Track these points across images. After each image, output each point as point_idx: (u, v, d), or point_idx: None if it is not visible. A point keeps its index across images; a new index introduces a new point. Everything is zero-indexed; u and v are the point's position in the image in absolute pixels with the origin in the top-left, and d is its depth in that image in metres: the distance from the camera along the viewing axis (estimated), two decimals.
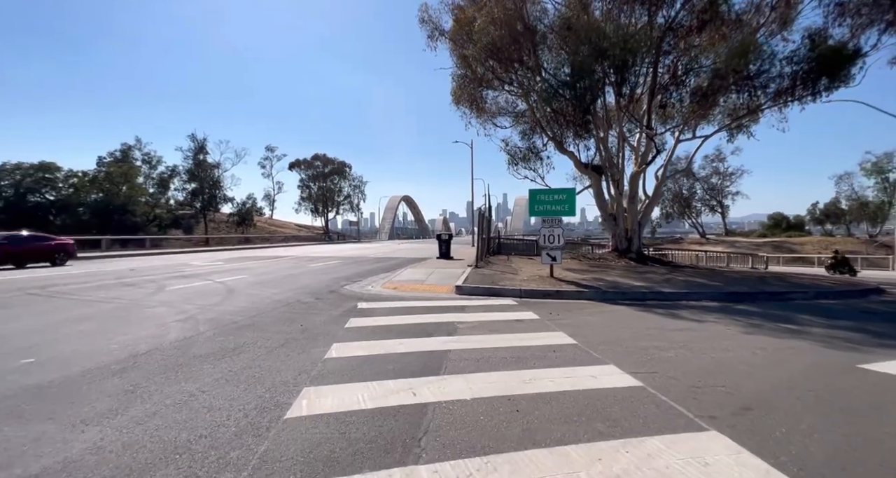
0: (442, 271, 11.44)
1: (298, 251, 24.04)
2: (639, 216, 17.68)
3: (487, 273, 10.27)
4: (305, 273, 11.38)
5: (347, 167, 62.84)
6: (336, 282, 9.51)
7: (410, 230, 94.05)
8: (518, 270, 11.18)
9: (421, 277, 10.23)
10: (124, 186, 38.43)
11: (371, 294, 7.84)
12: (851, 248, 45.32)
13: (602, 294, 7.80)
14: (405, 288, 8.72)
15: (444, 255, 16.38)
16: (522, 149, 18.26)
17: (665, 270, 12.20)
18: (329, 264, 14.40)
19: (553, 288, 8.11)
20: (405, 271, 11.55)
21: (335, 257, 18.31)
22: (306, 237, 52.23)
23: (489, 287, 8.20)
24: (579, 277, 9.59)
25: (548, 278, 9.25)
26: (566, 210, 9.18)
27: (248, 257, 18.19)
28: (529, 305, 6.79)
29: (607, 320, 5.65)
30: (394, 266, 13.81)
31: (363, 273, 11.56)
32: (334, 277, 10.57)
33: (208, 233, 45.26)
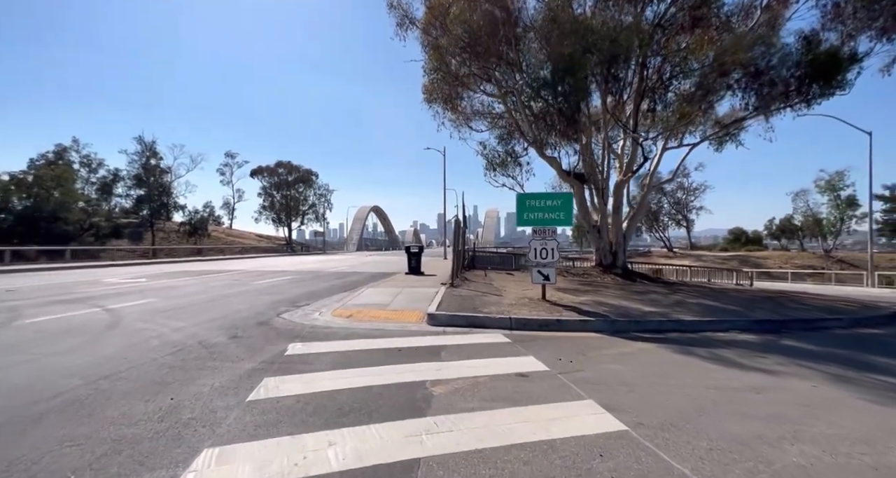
0: (411, 291, 9.58)
1: (251, 265, 21.46)
2: (624, 228, 16.55)
3: (466, 294, 8.51)
4: (241, 294, 9.21)
5: (314, 175, 60.03)
6: (275, 307, 7.45)
7: (380, 242, 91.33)
8: (501, 289, 9.49)
9: (385, 300, 8.33)
10: (55, 190, 34.23)
11: (315, 327, 5.87)
12: (809, 262, 47.01)
13: (612, 324, 6.20)
14: (363, 316, 6.80)
15: (413, 270, 14.53)
16: (501, 153, 16.83)
17: (663, 290, 10.86)
18: (278, 281, 12.21)
19: (550, 316, 6.44)
20: (367, 291, 9.61)
21: (290, 272, 16.04)
22: (267, 249, 48.86)
23: (471, 315, 6.42)
24: (574, 300, 8.00)
25: (540, 302, 7.60)
26: (562, 219, 7.61)
27: (185, 272, 15.61)
28: (527, 343, 5.07)
29: (643, 372, 3.99)
30: (355, 283, 11.82)
31: (316, 293, 9.52)
32: (277, 299, 8.48)
33: (155, 244, 41.30)
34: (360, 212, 79.95)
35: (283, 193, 57.89)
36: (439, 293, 8.75)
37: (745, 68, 12.86)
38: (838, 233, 50.26)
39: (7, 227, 29.55)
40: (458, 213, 43.63)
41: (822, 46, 11.83)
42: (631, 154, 15.55)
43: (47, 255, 28.46)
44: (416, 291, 9.47)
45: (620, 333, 5.89)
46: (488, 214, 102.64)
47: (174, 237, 46.12)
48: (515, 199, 7.98)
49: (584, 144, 15.51)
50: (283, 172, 58.34)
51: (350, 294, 9.34)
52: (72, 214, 34.24)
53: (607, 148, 15.67)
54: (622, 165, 16.14)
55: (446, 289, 9.44)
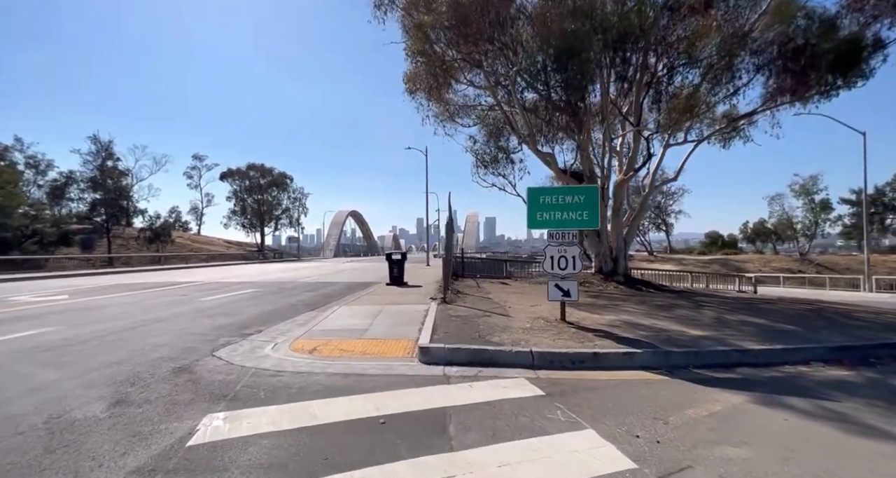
0: (394, 309, 7.84)
1: (212, 275, 19.18)
2: (624, 231, 15.28)
3: (464, 313, 6.85)
4: (177, 318, 7.25)
5: (288, 178, 57.32)
6: (214, 338, 5.59)
7: (358, 247, 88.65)
8: (504, 305, 7.87)
9: (361, 323, 6.57)
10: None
11: (259, 374, 4.08)
12: (787, 265, 47.56)
13: (664, 358, 4.66)
14: (332, 349, 5.04)
15: (395, 280, 12.77)
16: (492, 149, 15.32)
17: (682, 301, 9.50)
18: (233, 297, 10.24)
19: (582, 347, 4.85)
20: (340, 309, 7.81)
21: (253, 284, 14.00)
22: (236, 256, 45.90)
23: (478, 348, 4.76)
24: (599, 320, 6.46)
25: (559, 324, 6.02)
26: (585, 219, 6.06)
27: (128, 286, 13.34)
28: (569, 398, 3.47)
29: (775, 460, 2.42)
30: (327, 298, 9.98)
31: (276, 314, 7.67)
32: (221, 324, 6.60)
33: (112, 252, 37.93)
34: (338, 216, 77.26)
35: (255, 197, 54.95)
36: (430, 312, 7.06)
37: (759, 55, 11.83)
38: (813, 236, 51.33)
39: None
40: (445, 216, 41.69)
41: (841, 32, 10.87)
42: (632, 151, 14.31)
43: None
44: (400, 310, 7.74)
45: (679, 371, 4.36)
46: (469, 218, 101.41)
47: (134, 245, 42.73)
48: (526, 194, 6.39)
49: (582, 140, 14.17)
50: (255, 175, 55.42)
51: (319, 314, 7.53)
52: (11, 220, 30.82)
53: (608, 144, 14.38)
54: (622, 164, 14.90)
55: (437, 305, 7.75)
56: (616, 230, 15.07)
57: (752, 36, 11.56)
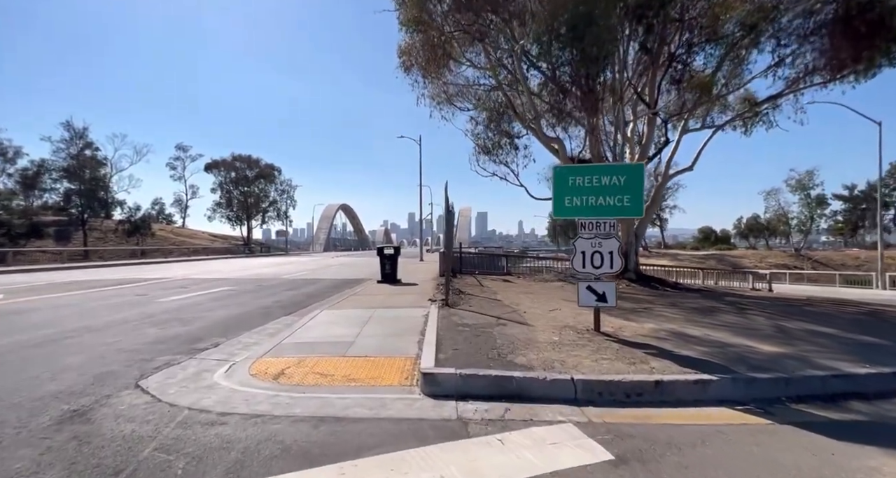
0: (387, 315, 6.58)
1: (189, 270, 17.71)
2: (635, 225, 14.18)
3: (472, 321, 5.62)
4: (120, 324, 5.91)
5: (276, 170, 55.42)
6: (151, 356, 4.29)
7: (349, 241, 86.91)
8: (517, 308, 6.66)
9: (346, 333, 5.31)
10: None
11: (192, 420, 2.80)
12: (783, 261, 47.26)
13: (748, 388, 3.50)
14: (304, 375, 3.78)
15: (388, 277, 11.50)
16: (493, 135, 14.04)
17: (721, 305, 8.41)
18: (201, 297, 8.89)
19: (636, 371, 3.66)
20: (321, 315, 6.52)
21: (229, 281, 12.62)
22: (220, 250, 44.13)
23: (501, 376, 3.53)
24: (639, 330, 5.29)
25: (594, 336, 4.83)
26: (628, 206, 4.84)
27: (82, 283, 11.88)
28: (645, 460, 2.28)
29: None
30: (309, 298, 8.69)
31: (243, 319, 6.37)
32: (167, 335, 5.28)
33: (88, 245, 36.00)
34: (328, 210, 75.44)
35: (241, 189, 53.00)
36: (430, 319, 5.82)
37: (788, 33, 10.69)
38: (808, 232, 51.11)
39: None
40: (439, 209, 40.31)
41: None
42: (646, 137, 13.15)
43: None
44: (395, 315, 6.48)
45: (775, 408, 3.21)
46: (461, 213, 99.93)
47: (112, 238, 40.75)
48: (553, 176, 5.16)
49: (593, 125, 12.96)
50: (241, 166, 53.42)
51: (297, 320, 6.25)
52: None
53: (621, 130, 13.20)
54: (633, 152, 13.74)
55: (438, 309, 6.51)
56: (627, 224, 13.95)
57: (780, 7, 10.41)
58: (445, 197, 12.22)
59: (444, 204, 15.51)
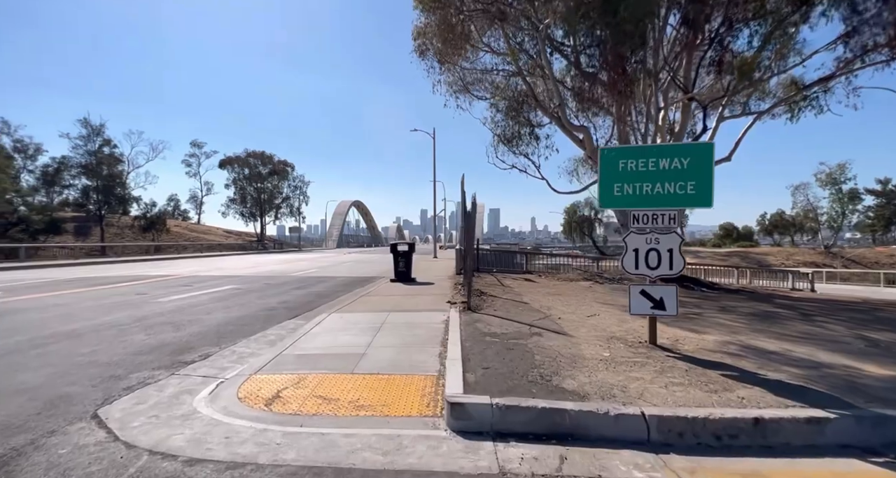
0: (402, 319, 5.86)
1: (198, 267, 17.33)
2: None
3: (501, 329, 4.85)
4: (105, 329, 5.32)
5: (289, 167, 55.33)
6: (125, 372, 3.64)
7: (362, 238, 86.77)
8: (549, 312, 5.86)
9: (355, 344, 4.60)
10: None
11: (148, 472, 2.12)
12: (811, 259, 45.21)
13: (880, 428, 2.67)
14: (303, 400, 3.07)
15: (402, 275, 10.79)
16: (512, 124, 13.18)
17: (779, 310, 7.47)
18: (203, 296, 8.32)
19: (723, 403, 2.85)
20: (329, 319, 5.83)
21: (235, 278, 12.10)
22: (234, 246, 44.22)
23: (550, 409, 2.76)
24: (700, 341, 4.46)
25: (651, 351, 4.02)
26: (693, 194, 4.01)
27: (87, 280, 11.48)
28: None
29: None
30: (319, 298, 8.04)
31: (243, 324, 5.73)
32: (156, 342, 4.66)
33: (105, 240, 36.35)
34: (341, 206, 75.32)
35: (255, 185, 53.02)
36: (452, 325, 5.08)
37: None
38: (839, 228, 48.79)
39: None
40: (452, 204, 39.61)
41: None
42: (680, 126, 12.15)
43: None
44: (411, 320, 5.74)
45: None
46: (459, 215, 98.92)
47: (129, 233, 41.11)
48: (599, 159, 4.33)
49: (621, 113, 12.02)
50: (255, 162, 53.44)
51: (301, 324, 5.58)
52: None
53: (651, 117, 12.21)
54: (665, 141, 12.73)
55: (460, 314, 5.77)
56: None
57: None
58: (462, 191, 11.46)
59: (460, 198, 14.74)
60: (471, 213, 7.83)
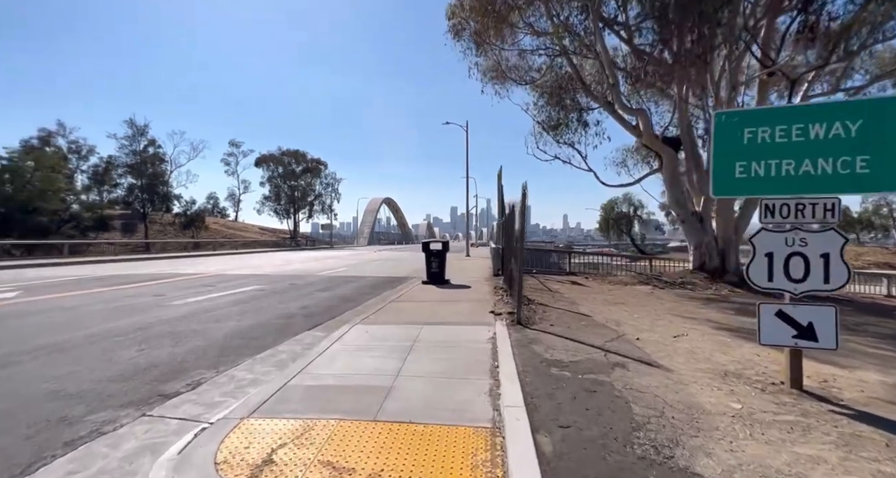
0: (437, 337, 4.84)
1: (228, 264, 17.11)
2: (735, 217, 11.60)
3: (567, 356, 3.73)
4: (96, 341, 4.63)
5: (322, 165, 55.84)
6: (85, 411, 2.82)
7: (393, 235, 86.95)
8: (619, 329, 4.67)
9: (380, 372, 3.62)
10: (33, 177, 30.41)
11: None
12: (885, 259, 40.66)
13: None
14: (303, 469, 2.11)
15: (434, 276, 9.82)
16: (558, 109, 11.89)
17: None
18: (221, 299, 7.67)
19: None
20: (350, 334, 4.90)
21: (262, 277, 11.54)
22: (268, 243, 44.94)
23: None
24: (856, 381, 3.17)
25: (798, 397, 2.79)
26: (865, 172, 2.75)
27: (114, 278, 11.24)
28: None
29: None
30: (343, 302, 7.19)
31: (253, 336, 4.91)
32: (145, 362, 3.88)
33: (149, 237, 37.67)
34: (372, 204, 75.65)
35: (288, 183, 53.76)
36: (501, 347, 4.01)
37: None
38: None
39: None
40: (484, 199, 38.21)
41: None
42: (756, 105, 10.48)
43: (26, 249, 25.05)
44: (449, 338, 4.71)
45: None
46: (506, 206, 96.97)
47: (171, 230, 42.53)
48: (714, 126, 3.14)
49: (682, 94, 10.51)
50: (288, 160, 54.22)
51: (318, 339, 4.69)
52: (49, 204, 30.42)
53: (719, 98, 10.59)
54: None
55: (508, 329, 4.69)
56: (725, 216, 11.41)
57: None
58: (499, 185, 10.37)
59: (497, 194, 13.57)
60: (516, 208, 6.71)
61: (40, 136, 37.75)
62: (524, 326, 4.88)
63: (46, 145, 36.97)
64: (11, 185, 28.54)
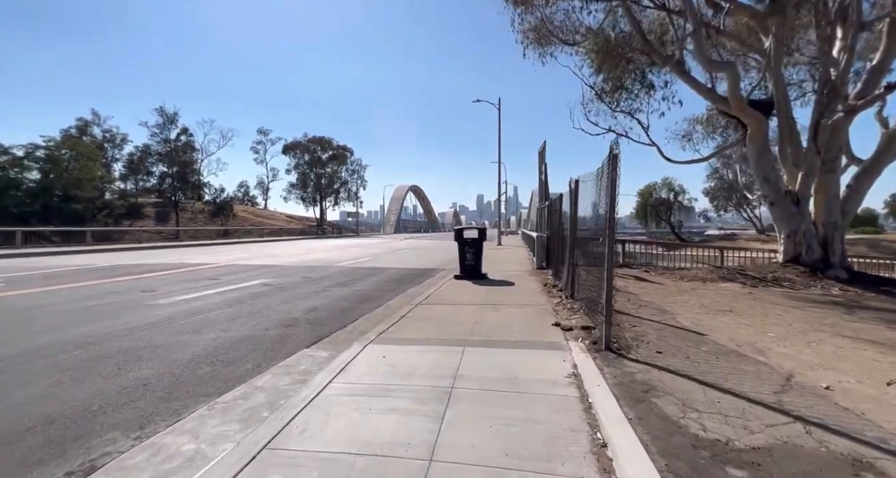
0: (487, 371, 3.30)
1: (247, 254, 16.20)
2: (841, 194, 9.44)
3: (735, 434, 2.13)
4: (31, 361, 3.36)
5: (348, 152, 54.99)
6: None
7: (419, 223, 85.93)
8: (771, 360, 3.00)
9: (399, 451, 2.13)
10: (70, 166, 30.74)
11: None
12: None
13: None
14: None
15: (469, 270, 8.25)
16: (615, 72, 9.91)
17: None
18: (221, 296, 6.44)
19: None
20: (360, 360, 3.45)
21: (276, 269, 10.36)
22: (294, 231, 44.69)
23: None
24: None
25: None
26: None
27: (114, 268, 10.34)
28: None
29: None
30: (358, 303, 5.79)
31: (237, 355, 3.56)
32: (70, 397, 2.56)
33: (180, 225, 37.96)
34: (398, 191, 74.60)
35: (315, 170, 53.23)
36: (602, 407, 2.42)
37: None
38: None
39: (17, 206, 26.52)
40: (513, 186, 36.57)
41: None
42: (882, 54, 8.23)
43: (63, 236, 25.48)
44: (506, 373, 3.15)
45: None
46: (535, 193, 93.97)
47: (200, 218, 42.86)
48: None
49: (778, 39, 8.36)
50: (315, 147, 53.60)
51: (315, 367, 3.26)
52: (84, 192, 30.70)
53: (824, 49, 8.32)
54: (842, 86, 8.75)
55: (597, 362, 3.10)
56: (828, 193, 9.24)
57: None
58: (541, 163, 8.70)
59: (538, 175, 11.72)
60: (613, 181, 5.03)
61: (78, 125, 38.24)
62: (617, 352, 3.27)
63: (83, 135, 37.46)
64: (50, 174, 28.95)
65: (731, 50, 10.55)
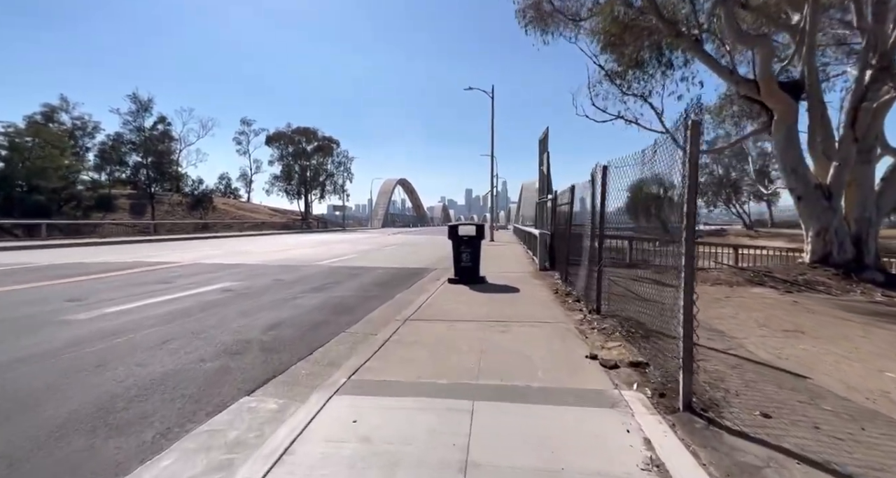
0: (514, 449, 2.23)
1: (217, 251, 14.84)
2: (875, 189, 8.58)
3: None
4: None
5: (334, 143, 53.19)
6: None
7: (408, 217, 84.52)
8: None
9: None
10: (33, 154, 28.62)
11: None
12: None
13: None
14: None
15: (466, 273, 7.14)
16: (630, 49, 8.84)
17: None
18: (165, 307, 5.24)
19: None
20: (319, 426, 2.35)
21: (246, 270, 9.12)
22: (278, 224, 43.05)
23: None
24: None
25: None
26: None
27: (65, 267, 8.98)
28: None
29: None
30: (332, 317, 4.65)
31: (124, 421, 2.41)
32: None
33: (156, 218, 35.97)
34: (386, 185, 72.99)
35: (300, 163, 51.37)
36: None
37: None
38: None
39: None
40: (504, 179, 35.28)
41: None
42: None
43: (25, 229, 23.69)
44: (543, 459, 2.10)
45: None
46: (526, 187, 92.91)
47: (179, 211, 40.79)
48: None
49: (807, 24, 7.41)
50: (299, 138, 51.69)
51: (254, 435, 2.14)
52: (49, 182, 28.61)
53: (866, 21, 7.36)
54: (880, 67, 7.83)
55: (681, 438, 2.04)
56: (862, 188, 8.37)
57: None
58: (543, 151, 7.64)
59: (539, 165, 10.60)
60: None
61: (44, 111, 35.74)
62: (702, 416, 2.20)
63: (50, 121, 35.07)
64: (9, 162, 26.90)
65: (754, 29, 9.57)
